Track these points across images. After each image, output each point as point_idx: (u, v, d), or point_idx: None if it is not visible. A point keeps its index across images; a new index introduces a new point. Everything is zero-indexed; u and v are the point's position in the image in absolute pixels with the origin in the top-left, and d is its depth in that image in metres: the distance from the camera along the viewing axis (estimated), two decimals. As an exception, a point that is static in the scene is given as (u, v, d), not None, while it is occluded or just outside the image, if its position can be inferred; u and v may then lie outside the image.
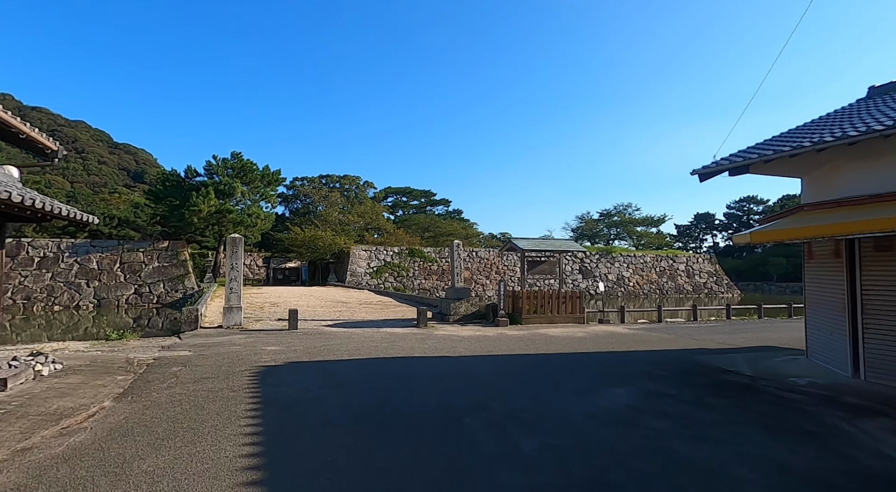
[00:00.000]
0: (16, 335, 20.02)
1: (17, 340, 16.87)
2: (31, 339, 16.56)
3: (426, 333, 12.59)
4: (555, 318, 15.44)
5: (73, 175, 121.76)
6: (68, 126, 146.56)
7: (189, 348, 9.47)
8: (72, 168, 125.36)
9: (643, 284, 59.46)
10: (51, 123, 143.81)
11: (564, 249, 16.14)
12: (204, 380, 6.72)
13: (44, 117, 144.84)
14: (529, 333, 12.90)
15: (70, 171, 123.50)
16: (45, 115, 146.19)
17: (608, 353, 9.83)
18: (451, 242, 16.51)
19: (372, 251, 48.36)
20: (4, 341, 15.14)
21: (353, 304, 21.85)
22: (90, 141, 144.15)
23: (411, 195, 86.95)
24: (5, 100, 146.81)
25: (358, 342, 10.71)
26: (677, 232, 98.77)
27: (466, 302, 16.07)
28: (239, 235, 13.37)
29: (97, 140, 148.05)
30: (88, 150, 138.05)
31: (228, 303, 13.04)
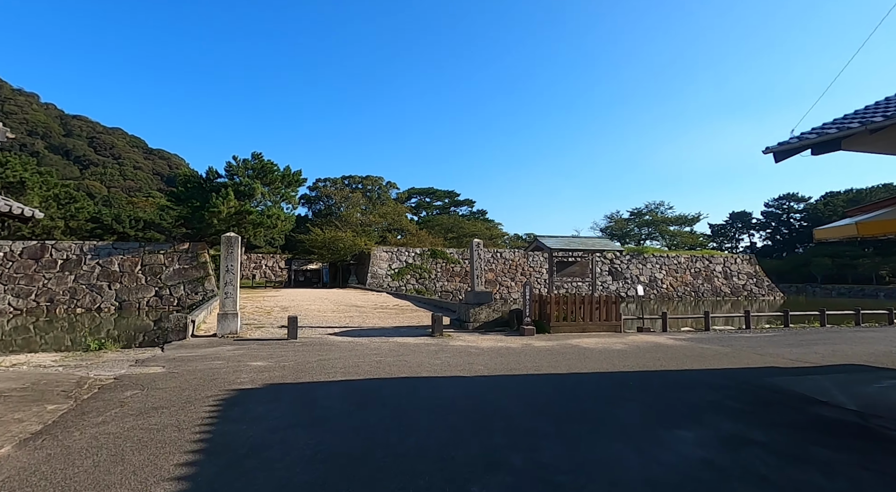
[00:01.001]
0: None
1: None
2: (5, 348, 15.70)
3: (440, 344, 11.08)
4: (587, 326, 13.70)
5: (110, 180, 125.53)
6: (106, 133, 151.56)
7: (163, 364, 8.21)
8: (108, 173, 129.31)
9: (677, 286, 56.52)
10: (90, 130, 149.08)
11: (597, 248, 14.40)
12: (153, 411, 5.37)
13: (83, 125, 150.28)
14: (559, 345, 11.24)
15: (107, 176, 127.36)
16: (85, 123, 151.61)
17: (658, 373, 8.10)
18: (471, 242, 14.97)
19: (393, 252, 47.19)
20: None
21: (367, 308, 20.53)
22: (126, 147, 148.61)
23: (435, 196, 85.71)
24: (49, 109, 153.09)
25: (360, 356, 9.28)
26: (711, 232, 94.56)
27: (488, 307, 14.50)
28: (235, 234, 12.17)
29: (133, 146, 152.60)
30: (125, 155, 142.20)
31: (223, 309, 11.83)
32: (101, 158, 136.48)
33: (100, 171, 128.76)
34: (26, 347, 15.88)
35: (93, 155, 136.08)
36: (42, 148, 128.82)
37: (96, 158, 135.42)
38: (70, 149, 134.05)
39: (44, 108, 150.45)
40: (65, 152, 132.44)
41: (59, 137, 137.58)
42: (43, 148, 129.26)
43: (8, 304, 33.75)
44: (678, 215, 72.14)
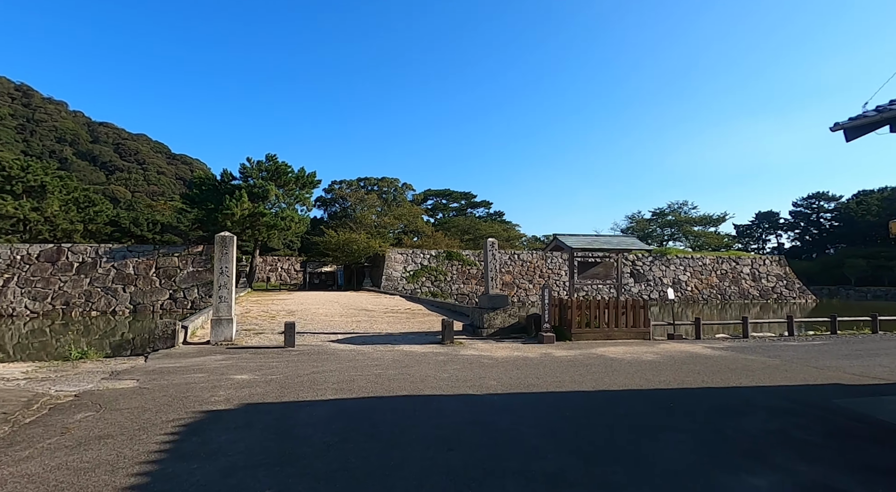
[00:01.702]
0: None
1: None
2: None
3: (450, 354, 10.05)
4: (612, 332, 12.50)
5: (135, 185, 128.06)
6: (131, 139, 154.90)
7: (139, 377, 7.36)
8: (133, 178, 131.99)
9: (702, 288, 54.44)
10: (116, 136, 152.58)
11: (622, 247, 13.18)
12: (95, 442, 4.46)
13: (110, 132, 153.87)
14: (582, 355, 10.10)
15: (132, 181, 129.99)
16: (111, 130, 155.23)
17: (702, 391, 6.93)
18: (485, 242, 13.91)
19: (408, 255, 46.33)
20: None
21: (377, 312, 19.60)
22: (150, 153, 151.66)
23: (451, 197, 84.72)
24: (76, 116, 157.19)
25: (358, 368, 8.30)
26: (736, 232, 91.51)
27: (503, 312, 13.40)
28: (230, 234, 11.34)
29: (157, 152, 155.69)
30: (149, 161, 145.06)
31: (217, 314, 11.00)
32: (126, 163, 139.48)
33: (125, 176, 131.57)
34: (17, 354, 15.36)
35: (118, 161, 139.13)
36: (70, 154, 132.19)
37: (121, 163, 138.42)
38: (97, 155, 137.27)
39: (72, 115, 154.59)
40: (91, 158, 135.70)
41: (86, 144, 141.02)
42: (71, 154, 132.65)
43: (24, 307, 33.86)
44: (702, 215, 69.73)
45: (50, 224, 47.26)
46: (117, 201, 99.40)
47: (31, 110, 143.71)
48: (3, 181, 46.28)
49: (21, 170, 47.08)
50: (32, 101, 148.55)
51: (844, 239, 77.49)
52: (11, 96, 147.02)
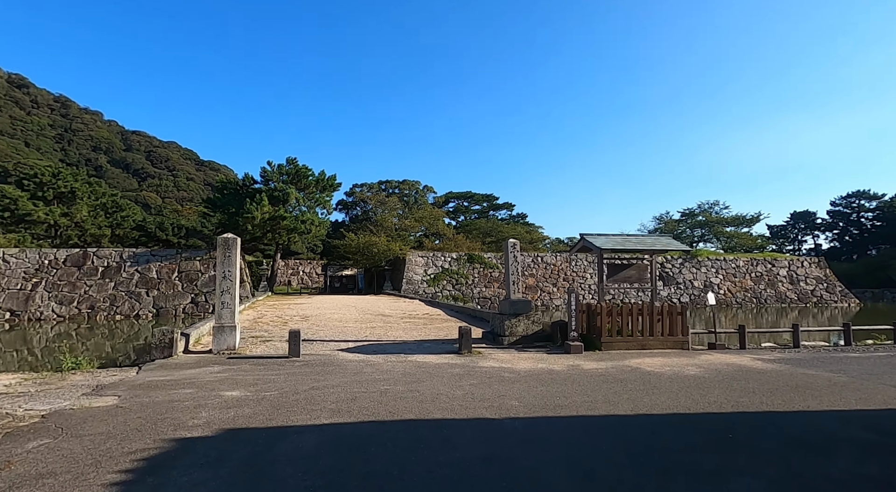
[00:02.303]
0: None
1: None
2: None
3: (467, 366, 9.12)
4: (647, 342, 11.37)
5: (165, 191, 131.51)
6: (162, 147, 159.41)
7: (122, 392, 6.68)
8: (164, 185, 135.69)
9: (736, 292, 52.03)
10: (147, 144, 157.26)
11: (657, 247, 12.03)
12: (33, 482, 3.73)
13: (142, 140, 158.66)
14: (615, 367, 9.03)
15: (162, 187, 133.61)
16: (143, 138, 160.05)
17: (762, 416, 5.83)
18: (505, 243, 12.96)
19: (429, 257, 45.56)
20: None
21: (393, 318, 18.81)
22: (180, 160, 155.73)
23: (473, 200, 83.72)
24: (111, 125, 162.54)
25: (363, 383, 7.46)
26: (770, 233, 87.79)
27: (526, 319, 12.41)
28: (232, 236, 10.69)
29: (186, 159, 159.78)
30: (178, 168, 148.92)
31: (219, 321, 10.34)
32: (158, 170, 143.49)
33: (156, 182, 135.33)
34: (20, 361, 15.10)
35: (150, 168, 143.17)
36: (105, 162, 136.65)
37: (153, 170, 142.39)
38: (129, 162, 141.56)
39: (107, 124, 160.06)
40: (125, 166, 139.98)
41: (119, 152, 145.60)
42: (105, 162, 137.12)
43: (52, 311, 34.36)
44: (735, 215, 66.85)
45: (79, 229, 48.31)
46: (148, 207, 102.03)
47: (68, 120, 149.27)
48: (36, 188, 47.54)
49: (52, 176, 48.30)
50: (70, 112, 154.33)
51: (888, 239, 73.33)
52: (51, 107, 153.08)
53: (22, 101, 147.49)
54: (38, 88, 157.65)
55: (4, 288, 34.01)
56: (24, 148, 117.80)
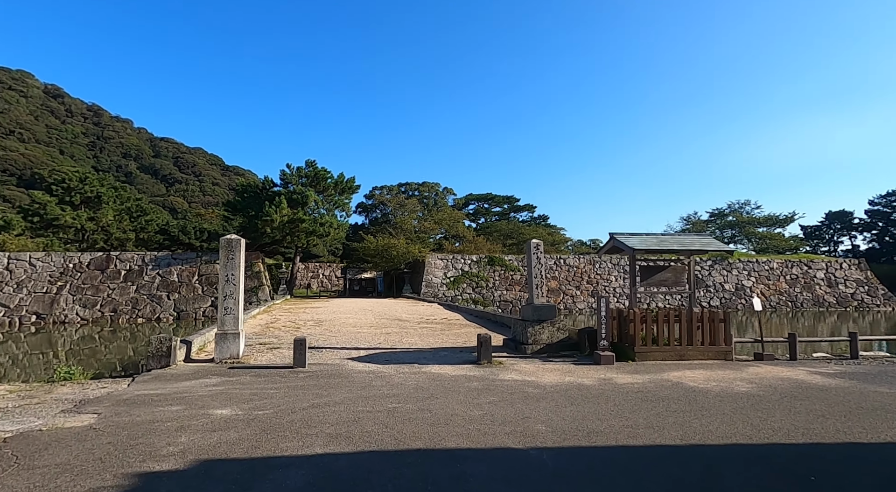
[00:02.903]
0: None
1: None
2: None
3: (487, 378, 8.26)
4: (686, 352, 10.30)
5: (191, 196, 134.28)
6: (189, 153, 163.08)
7: (102, 410, 6.05)
8: (190, 190, 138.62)
9: (770, 295, 49.72)
10: (175, 150, 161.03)
11: (697, 247, 10.93)
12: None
13: (170, 146, 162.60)
14: (653, 382, 8.04)
15: (189, 192, 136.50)
16: (171, 144, 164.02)
17: (843, 448, 4.81)
18: (527, 244, 12.05)
19: (448, 260, 44.75)
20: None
21: (410, 323, 18.04)
22: (206, 165, 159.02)
23: (493, 201, 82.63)
24: (140, 133, 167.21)
25: (370, 400, 6.68)
26: (804, 234, 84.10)
27: (550, 325, 11.47)
28: (236, 237, 10.07)
29: (212, 164, 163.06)
30: (204, 173, 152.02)
31: (222, 328, 9.72)
32: (184, 175, 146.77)
33: (182, 187, 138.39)
34: (23, 369, 14.81)
35: (177, 173, 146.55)
36: (135, 168, 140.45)
37: (180, 175, 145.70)
38: (158, 168, 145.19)
39: (136, 132, 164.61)
40: (153, 171, 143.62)
41: (148, 158, 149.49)
42: (135, 168, 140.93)
43: (76, 314, 34.74)
44: (767, 216, 64.11)
45: (105, 233, 49.09)
46: (175, 211, 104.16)
47: (100, 128, 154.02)
48: (63, 192, 48.52)
49: (79, 181, 49.23)
50: (102, 120, 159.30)
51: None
52: (84, 116, 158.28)
53: (57, 110, 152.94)
54: (73, 98, 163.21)
55: (31, 291, 34.56)
56: (58, 155, 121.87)
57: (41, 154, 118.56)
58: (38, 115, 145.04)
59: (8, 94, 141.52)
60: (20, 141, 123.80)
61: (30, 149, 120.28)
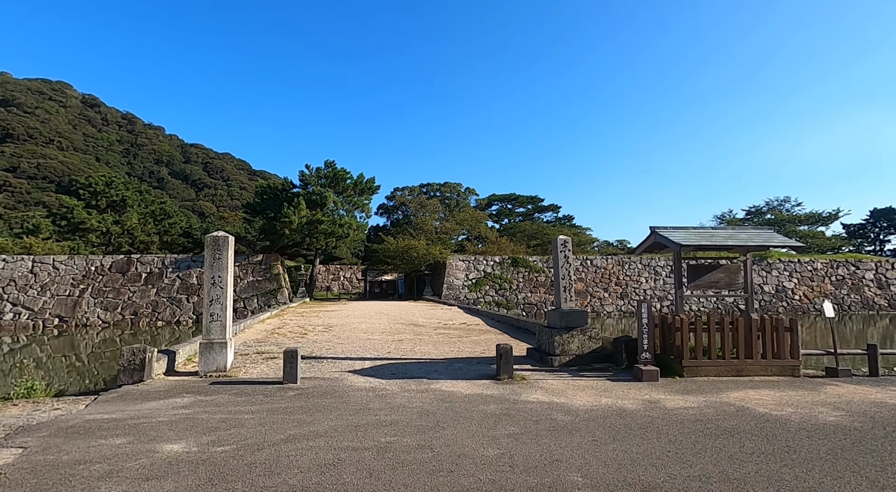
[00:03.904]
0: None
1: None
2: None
3: (506, 399, 6.90)
4: (744, 366, 8.70)
5: (220, 200, 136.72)
6: (217, 158, 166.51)
7: (32, 443, 4.96)
8: (219, 194, 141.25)
9: (814, 297, 46.60)
10: (204, 156, 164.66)
11: (758, 243, 9.31)
12: None
13: (199, 152, 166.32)
14: (711, 406, 6.54)
15: (217, 197, 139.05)
16: (201, 150, 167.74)
17: None
18: (554, 241, 10.64)
19: (470, 262, 43.37)
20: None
21: (427, 328, 16.76)
22: (234, 170, 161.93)
23: (517, 202, 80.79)
24: (172, 139, 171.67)
25: (362, 430, 5.41)
26: (847, 233, 79.41)
27: (581, 334, 10.01)
28: (223, 234, 8.98)
29: (239, 169, 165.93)
30: (232, 178, 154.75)
31: (207, 336, 8.63)
32: (213, 180, 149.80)
33: (211, 192, 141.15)
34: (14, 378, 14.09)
35: (206, 178, 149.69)
36: (166, 174, 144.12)
37: (209, 180, 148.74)
38: (188, 174, 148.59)
39: (168, 139, 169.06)
40: (184, 177, 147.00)
41: (179, 164, 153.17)
42: (167, 174, 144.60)
43: (97, 317, 34.77)
44: (809, 213, 60.51)
45: (129, 236, 49.59)
46: (204, 215, 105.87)
47: (134, 136, 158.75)
48: (90, 197, 49.21)
49: (105, 185, 49.86)
50: (136, 128, 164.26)
51: None
52: (118, 124, 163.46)
53: (94, 119, 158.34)
54: (108, 107, 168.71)
55: (54, 294, 34.75)
56: (94, 162, 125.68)
57: (78, 161, 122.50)
58: (76, 123, 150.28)
59: (48, 104, 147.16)
60: (59, 149, 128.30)
61: (68, 156, 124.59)
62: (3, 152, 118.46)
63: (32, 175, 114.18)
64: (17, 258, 35.36)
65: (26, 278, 34.89)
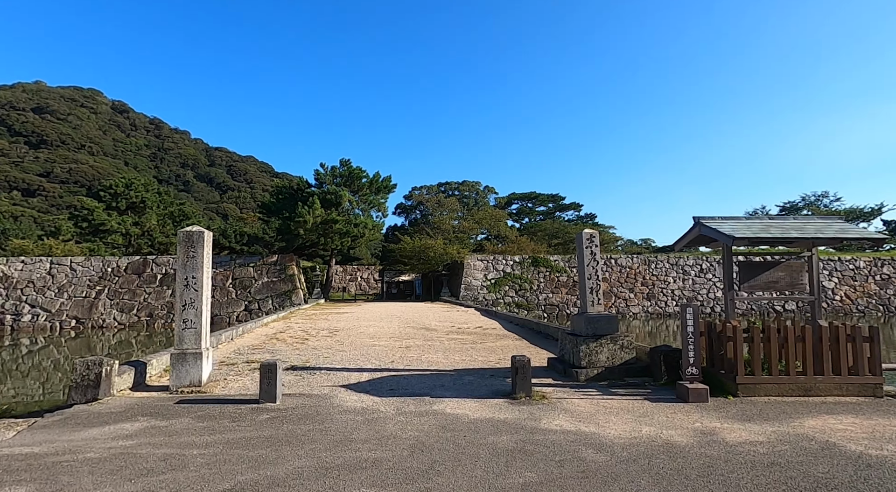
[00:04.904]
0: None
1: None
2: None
3: (522, 428, 5.59)
4: (814, 384, 7.19)
5: (243, 202, 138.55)
6: (241, 161, 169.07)
7: None
8: (242, 196, 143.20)
9: (856, 298, 43.72)
10: (228, 159, 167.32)
11: (829, 235, 7.76)
12: None
13: (223, 155, 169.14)
14: (785, 440, 5.11)
15: (241, 199, 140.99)
16: (225, 154, 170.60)
17: None
18: (578, 236, 9.28)
19: (489, 261, 41.97)
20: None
21: (439, 332, 15.51)
22: (257, 173, 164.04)
23: (537, 200, 78.85)
24: (197, 143, 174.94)
25: (333, 474, 4.19)
26: (887, 229, 75.02)
27: (611, 342, 8.62)
28: (198, 229, 7.91)
29: (262, 171, 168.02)
30: (255, 180, 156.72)
31: (180, 346, 7.56)
32: (237, 183, 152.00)
33: (235, 194, 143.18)
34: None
35: (230, 181, 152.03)
36: (192, 177, 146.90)
37: (233, 183, 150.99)
38: (213, 177, 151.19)
39: (193, 143, 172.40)
40: (209, 180, 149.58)
41: (204, 167, 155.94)
42: (192, 177, 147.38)
43: (113, 318, 34.61)
44: (849, 209, 57.13)
45: (148, 238, 49.76)
46: (227, 217, 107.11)
47: (161, 140, 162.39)
48: (110, 198, 49.56)
49: (125, 187, 50.17)
50: (163, 132, 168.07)
51: None
52: (146, 129, 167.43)
53: (123, 124, 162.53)
54: (137, 113, 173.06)
55: (71, 296, 34.74)
56: (123, 167, 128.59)
57: (108, 166, 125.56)
58: (106, 129, 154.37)
59: (80, 111, 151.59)
60: (90, 154, 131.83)
61: (98, 161, 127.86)
62: (38, 158, 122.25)
63: (65, 180, 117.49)
64: (35, 260, 35.50)
65: (44, 280, 34.97)
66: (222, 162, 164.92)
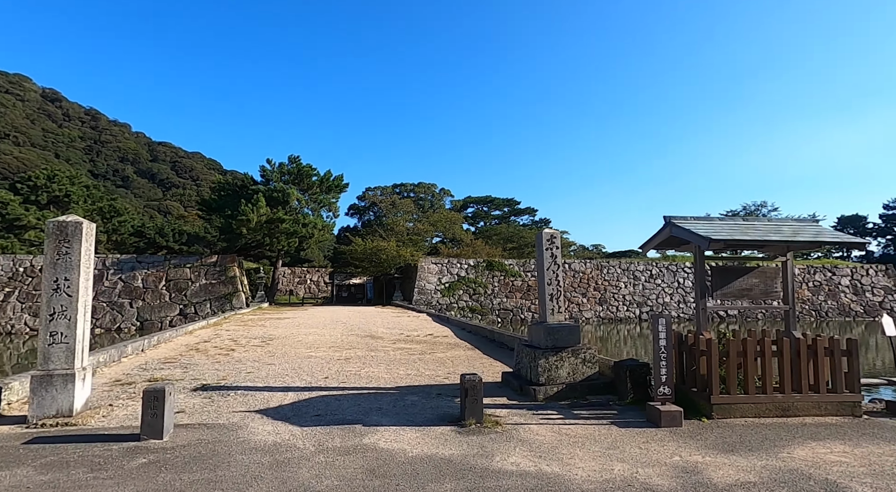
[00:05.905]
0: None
1: None
2: None
3: (471, 471, 4.47)
4: (791, 403, 6.52)
5: (188, 201, 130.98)
6: (187, 157, 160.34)
7: None
8: (187, 194, 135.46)
9: (792, 303, 45.75)
10: (173, 155, 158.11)
11: (805, 238, 7.16)
12: None
13: (168, 151, 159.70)
14: (780, 479, 4.27)
15: (185, 196, 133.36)
16: (169, 149, 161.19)
17: None
18: (538, 235, 8.36)
19: (443, 264, 40.97)
20: None
21: (385, 341, 14.25)
22: (204, 170, 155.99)
23: (493, 204, 78.87)
24: (138, 137, 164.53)
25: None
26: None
27: (572, 356, 7.71)
28: (74, 219, 6.37)
29: (210, 168, 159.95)
30: (202, 177, 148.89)
31: (45, 365, 5.97)
32: (182, 180, 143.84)
33: (179, 192, 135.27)
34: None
35: (175, 178, 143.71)
36: (132, 173, 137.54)
37: (177, 180, 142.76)
38: (155, 173, 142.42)
39: (134, 136, 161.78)
40: (151, 176, 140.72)
41: (146, 163, 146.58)
42: (132, 173, 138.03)
43: (24, 324, 31.01)
44: (785, 218, 60.26)
45: (73, 235, 45.45)
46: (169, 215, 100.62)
47: (98, 132, 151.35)
48: (29, 191, 44.94)
49: (47, 180, 45.67)
50: (100, 124, 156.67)
51: None
52: (81, 120, 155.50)
53: (54, 114, 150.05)
54: (70, 102, 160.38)
55: (-27, 298, 30.82)
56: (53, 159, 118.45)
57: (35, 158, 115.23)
58: (35, 118, 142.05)
59: (4, 97, 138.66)
60: (15, 144, 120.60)
61: (24, 152, 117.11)
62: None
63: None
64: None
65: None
66: (166, 157, 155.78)
